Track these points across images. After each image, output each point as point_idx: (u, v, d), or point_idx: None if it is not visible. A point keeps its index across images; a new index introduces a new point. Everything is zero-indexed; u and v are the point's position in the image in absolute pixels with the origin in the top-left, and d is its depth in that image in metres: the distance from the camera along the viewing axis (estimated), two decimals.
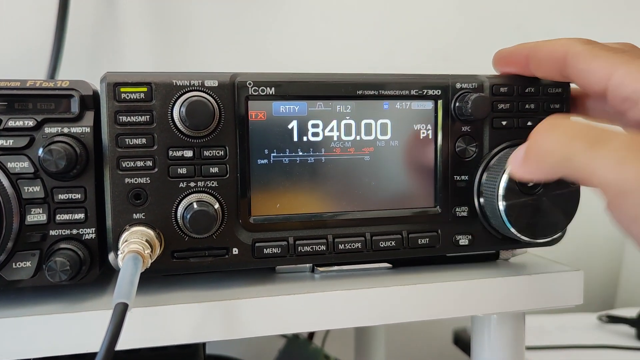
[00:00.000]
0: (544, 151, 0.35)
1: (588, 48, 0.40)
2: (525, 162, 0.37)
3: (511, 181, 0.43)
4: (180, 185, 0.41)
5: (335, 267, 0.47)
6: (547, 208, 0.44)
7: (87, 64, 0.82)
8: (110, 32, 0.83)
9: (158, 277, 0.45)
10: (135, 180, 0.40)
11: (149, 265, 0.38)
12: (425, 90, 0.45)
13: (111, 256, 0.41)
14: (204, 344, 0.53)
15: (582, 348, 0.82)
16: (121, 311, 0.32)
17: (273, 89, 0.43)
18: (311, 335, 0.91)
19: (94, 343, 0.39)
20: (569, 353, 0.81)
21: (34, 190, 0.39)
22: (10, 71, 0.77)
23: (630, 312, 0.89)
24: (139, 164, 0.40)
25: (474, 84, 0.46)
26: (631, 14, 1.09)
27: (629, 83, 0.37)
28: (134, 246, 0.37)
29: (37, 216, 0.39)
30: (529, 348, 0.82)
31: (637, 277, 1.05)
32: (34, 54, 0.77)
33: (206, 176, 0.41)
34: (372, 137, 0.45)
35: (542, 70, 0.44)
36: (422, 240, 0.46)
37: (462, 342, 0.92)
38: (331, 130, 0.44)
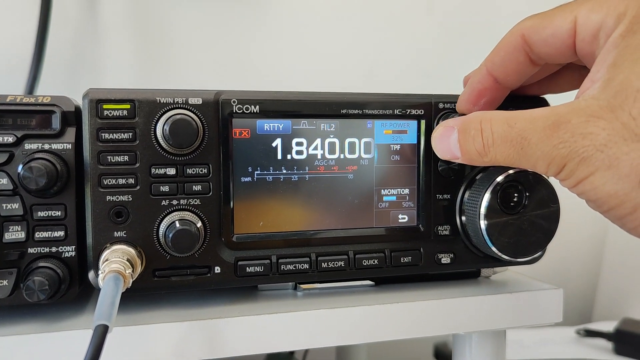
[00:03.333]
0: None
1: (539, 15, 0.40)
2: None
3: (493, 200, 0.44)
4: (162, 203, 0.41)
5: (318, 285, 0.47)
6: (528, 227, 0.45)
7: (67, 77, 0.81)
8: (91, 44, 0.82)
9: (139, 295, 0.45)
10: (117, 198, 0.40)
11: (130, 284, 0.37)
12: (409, 110, 0.46)
13: (91, 274, 0.40)
14: None
15: None
16: (101, 333, 0.32)
17: (257, 106, 0.43)
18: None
19: None
20: None
21: (12, 207, 0.38)
22: None
23: (607, 326, 0.90)
24: (121, 181, 0.40)
25: (456, 103, 0.46)
26: None
27: (596, 14, 0.36)
28: (115, 266, 0.36)
29: (15, 234, 0.38)
30: None
31: (614, 291, 1.06)
32: (13, 66, 0.76)
33: (189, 194, 0.41)
34: (355, 156, 0.45)
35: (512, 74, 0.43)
36: (405, 259, 0.46)
37: (443, 356, 0.92)
38: (315, 148, 0.45)
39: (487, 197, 0.44)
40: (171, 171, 0.41)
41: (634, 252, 1.03)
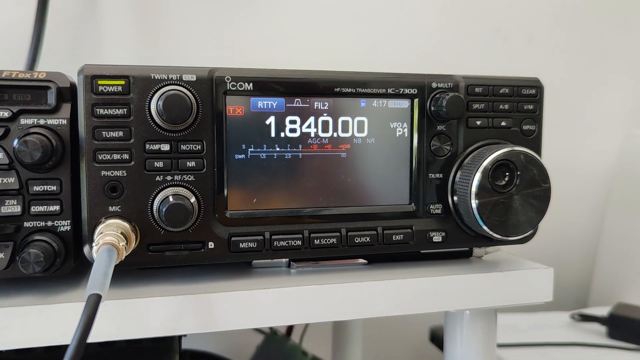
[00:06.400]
0: None
1: None
2: None
3: (484, 179, 0.44)
4: (156, 179, 0.41)
5: (311, 263, 0.48)
6: (519, 206, 0.45)
7: (66, 56, 0.82)
8: (90, 24, 0.82)
9: (133, 270, 0.46)
10: (112, 173, 0.40)
11: (124, 257, 0.38)
12: (402, 89, 0.46)
13: (86, 248, 0.41)
14: (179, 339, 0.53)
15: (554, 346, 0.84)
16: (94, 302, 0.33)
17: (251, 84, 0.43)
18: (289, 331, 0.92)
19: (68, 336, 0.39)
20: (542, 350, 0.82)
21: (8, 181, 0.39)
22: None
23: (602, 311, 0.91)
24: (116, 156, 0.40)
25: (449, 83, 0.47)
26: (609, 19, 1.11)
27: None
28: (109, 238, 0.37)
29: (11, 207, 0.39)
30: (504, 346, 0.83)
31: (610, 277, 1.07)
32: (12, 45, 0.77)
33: (183, 170, 0.42)
34: (349, 135, 0.46)
35: None
36: (397, 237, 0.47)
37: (438, 339, 0.93)
38: (308, 126, 0.45)
39: (478, 176, 0.45)
40: (165, 147, 0.41)
41: (629, 239, 1.04)
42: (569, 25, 1.09)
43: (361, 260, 0.49)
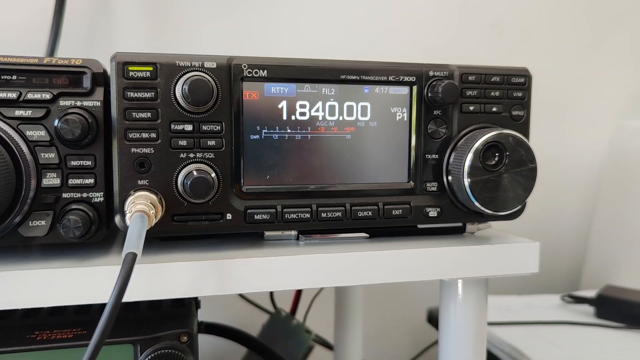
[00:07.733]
0: None
1: None
2: None
3: (475, 159, 0.49)
4: (180, 156, 0.46)
5: (318, 236, 0.52)
6: (508, 184, 0.50)
7: (82, 47, 0.87)
8: (103, 18, 0.87)
9: (157, 241, 0.50)
10: (141, 150, 0.45)
11: (153, 224, 0.42)
12: (402, 77, 0.51)
13: (117, 218, 0.45)
14: (197, 305, 0.57)
15: (544, 324, 0.88)
16: (131, 260, 0.37)
17: (265, 71, 0.48)
18: (293, 311, 0.97)
19: (100, 295, 0.44)
20: (533, 328, 0.87)
21: (49, 156, 0.43)
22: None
23: (592, 294, 0.96)
24: (144, 135, 0.45)
25: (445, 72, 0.51)
26: (601, 14, 1.15)
27: None
28: (140, 206, 0.42)
29: (51, 180, 0.44)
30: (497, 324, 0.88)
31: (600, 262, 1.12)
32: (31, 37, 0.81)
33: (204, 148, 0.46)
34: (353, 118, 0.50)
35: None
36: (396, 211, 0.51)
37: (435, 320, 0.98)
38: (317, 110, 0.49)
39: (470, 156, 0.49)
40: (189, 127, 0.46)
41: (619, 227, 1.08)
42: (563, 20, 1.13)
43: (363, 234, 0.54)
